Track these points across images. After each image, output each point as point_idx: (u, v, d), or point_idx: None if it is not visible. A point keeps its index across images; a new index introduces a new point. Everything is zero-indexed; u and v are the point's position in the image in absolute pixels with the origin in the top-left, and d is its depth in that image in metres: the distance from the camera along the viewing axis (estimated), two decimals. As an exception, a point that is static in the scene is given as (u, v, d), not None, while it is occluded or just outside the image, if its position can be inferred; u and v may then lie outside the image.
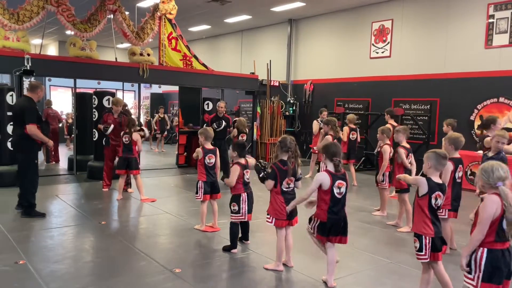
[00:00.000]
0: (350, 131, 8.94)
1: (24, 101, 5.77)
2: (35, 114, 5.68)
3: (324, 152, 3.76)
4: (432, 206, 3.30)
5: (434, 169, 3.35)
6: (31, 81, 5.92)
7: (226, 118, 8.93)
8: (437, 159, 3.34)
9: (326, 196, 3.65)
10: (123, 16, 9.83)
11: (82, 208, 6.44)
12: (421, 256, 3.32)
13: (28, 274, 3.89)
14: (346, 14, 12.52)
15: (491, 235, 2.72)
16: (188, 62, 11.04)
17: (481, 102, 9.46)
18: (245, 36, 16.27)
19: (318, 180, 3.66)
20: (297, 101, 13.91)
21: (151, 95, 19.61)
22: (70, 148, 13.35)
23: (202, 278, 3.99)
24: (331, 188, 3.63)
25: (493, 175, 2.73)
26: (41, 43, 10.20)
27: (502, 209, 2.69)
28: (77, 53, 8.97)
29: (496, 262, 2.72)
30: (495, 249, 2.72)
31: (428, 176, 3.36)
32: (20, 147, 5.72)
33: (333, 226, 3.68)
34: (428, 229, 3.29)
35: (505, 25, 9.10)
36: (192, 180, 9.07)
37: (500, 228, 2.72)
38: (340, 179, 3.69)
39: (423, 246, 3.29)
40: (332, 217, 3.65)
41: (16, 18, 8.36)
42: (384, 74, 11.44)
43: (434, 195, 3.28)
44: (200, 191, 5.27)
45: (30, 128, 5.53)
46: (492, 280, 2.73)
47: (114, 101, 7.67)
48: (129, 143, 6.98)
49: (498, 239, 2.72)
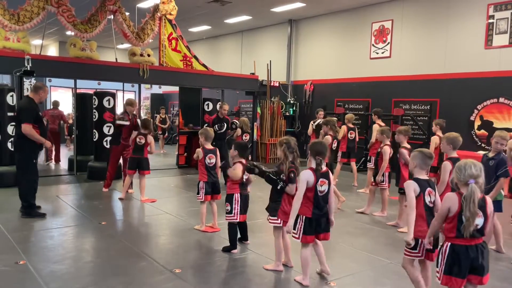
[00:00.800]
0: (348, 130, 8.95)
1: (23, 101, 5.82)
2: (32, 114, 5.65)
3: (310, 149, 3.83)
4: (427, 204, 3.30)
5: (420, 168, 3.37)
6: (35, 82, 5.97)
7: (227, 119, 8.94)
8: (423, 159, 3.36)
9: (310, 193, 3.70)
10: (123, 16, 9.83)
11: (82, 209, 6.45)
12: (415, 254, 3.31)
13: (28, 274, 3.90)
14: (346, 15, 12.53)
15: (453, 231, 2.86)
16: (188, 62, 11.04)
17: (481, 103, 9.47)
18: (245, 36, 16.28)
19: (304, 179, 3.69)
20: (297, 101, 13.92)
21: (151, 96, 19.62)
22: (70, 148, 13.36)
23: (202, 278, 4.00)
24: (315, 185, 3.70)
25: (465, 172, 2.84)
26: (41, 43, 10.23)
27: (459, 207, 2.81)
28: (78, 54, 8.98)
29: (458, 256, 2.84)
30: (457, 244, 2.85)
31: (415, 175, 3.39)
32: (19, 147, 5.73)
33: (318, 221, 3.75)
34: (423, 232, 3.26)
35: (505, 26, 9.11)
36: (192, 180, 9.08)
37: (461, 224, 2.82)
38: (324, 177, 3.75)
39: (419, 246, 3.30)
40: (316, 212, 3.72)
41: (16, 19, 8.37)
42: (384, 75, 11.44)
43: (426, 192, 3.30)
44: (201, 191, 5.28)
45: (25, 128, 5.52)
46: (452, 273, 2.86)
47: (128, 101, 7.65)
48: (143, 144, 6.98)
49: (459, 234, 2.84)
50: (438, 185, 4.67)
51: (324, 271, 4.09)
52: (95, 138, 8.84)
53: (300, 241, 3.77)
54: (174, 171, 10.57)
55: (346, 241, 5.11)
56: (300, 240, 3.75)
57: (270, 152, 12.57)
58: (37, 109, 5.78)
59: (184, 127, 11.55)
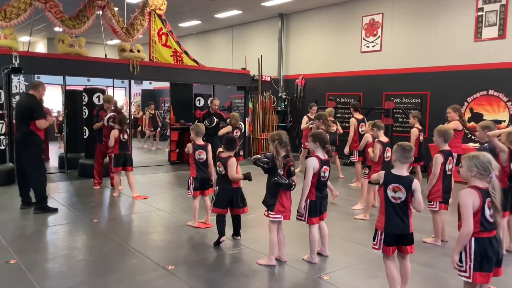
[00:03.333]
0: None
1: (29, 99, 5.99)
2: (43, 109, 6.19)
3: (317, 140, 4.12)
4: (389, 198, 3.27)
5: (399, 162, 3.34)
6: (34, 80, 6.38)
7: (218, 114, 8.92)
8: (401, 152, 3.34)
9: (314, 178, 4.06)
10: (112, 12, 9.73)
11: (74, 206, 6.40)
12: (373, 246, 3.39)
13: (20, 274, 3.86)
14: (337, 8, 12.52)
15: (476, 226, 2.79)
16: (178, 58, 10.98)
17: (471, 95, 9.53)
18: (236, 31, 16.21)
19: (310, 166, 4.04)
20: (289, 96, 13.91)
21: (142, 92, 19.46)
22: (60, 146, 13.24)
23: (195, 274, 3.99)
24: (319, 171, 4.05)
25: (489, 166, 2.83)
26: (29, 40, 10.09)
27: (481, 200, 2.78)
28: (66, 50, 8.88)
29: (485, 250, 2.79)
30: (482, 237, 2.80)
31: (395, 168, 3.37)
32: (27, 144, 5.90)
33: (321, 203, 4.16)
34: (381, 223, 3.31)
35: (494, 18, 9.16)
36: (184, 176, 9.03)
37: (484, 218, 2.79)
38: (326, 165, 4.13)
39: (376, 236, 3.36)
40: (319, 195, 4.13)
41: (3, 15, 8.24)
42: (375, 68, 11.46)
43: (390, 187, 3.26)
44: (191, 187, 5.30)
45: (41, 123, 5.84)
46: (482, 268, 2.79)
47: (105, 98, 7.64)
48: (126, 140, 6.94)
49: (483, 228, 2.80)
50: (430, 177, 4.71)
51: (324, 252, 4.41)
52: (85, 135, 8.77)
53: (307, 223, 4.16)
54: (166, 167, 10.53)
55: (339, 235, 5.13)
56: (306, 221, 4.15)
57: (262, 147, 12.56)
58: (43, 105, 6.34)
59: (176, 123, 11.49)
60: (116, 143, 6.94)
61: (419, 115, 7.85)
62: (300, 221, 4.20)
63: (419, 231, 5.33)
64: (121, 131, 6.94)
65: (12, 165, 8.09)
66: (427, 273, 4.09)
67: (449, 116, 6.78)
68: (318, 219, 4.19)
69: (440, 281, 3.89)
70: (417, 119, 7.71)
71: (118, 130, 6.95)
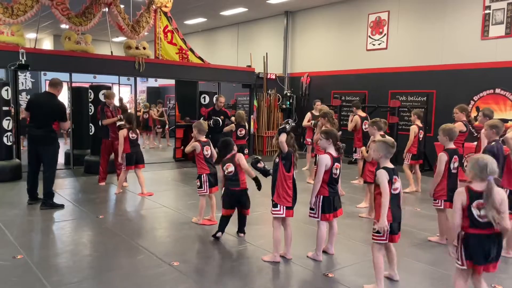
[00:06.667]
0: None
1: (56, 99, 6.12)
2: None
3: (331, 137, 4.18)
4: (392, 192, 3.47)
5: (385, 158, 3.57)
6: (52, 78, 6.32)
7: (224, 111, 8.95)
8: (386, 148, 3.55)
9: (325, 175, 4.09)
10: (118, 9, 9.76)
11: (80, 202, 6.44)
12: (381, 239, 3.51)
13: (27, 269, 3.90)
14: (342, 6, 12.48)
15: (465, 221, 2.96)
16: (184, 55, 11.00)
17: (478, 94, 9.48)
18: (241, 29, 16.20)
19: (323, 163, 4.08)
20: (294, 94, 13.90)
21: (147, 89, 19.50)
22: (66, 142, 13.29)
23: (200, 270, 4.01)
24: (331, 168, 4.08)
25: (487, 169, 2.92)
26: (36, 37, 10.15)
27: (467, 201, 2.93)
28: (72, 47, 8.92)
29: (474, 243, 2.93)
30: (471, 233, 2.94)
31: (382, 164, 3.55)
32: (49, 142, 6.08)
33: (334, 199, 4.17)
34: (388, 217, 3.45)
35: (501, 16, 9.09)
36: (189, 173, 9.07)
37: (471, 216, 2.92)
38: (338, 162, 4.18)
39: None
40: (332, 191, 4.15)
41: (10, 12, 8.29)
42: (380, 66, 11.43)
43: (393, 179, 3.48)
44: (204, 184, 5.26)
45: (66, 125, 6.29)
46: (473, 258, 2.95)
47: (106, 94, 7.71)
48: (136, 138, 6.96)
49: (472, 225, 2.94)
50: (435, 175, 4.69)
51: (329, 250, 4.42)
52: (91, 132, 8.81)
53: (320, 219, 4.16)
54: (171, 164, 10.56)
55: (343, 233, 5.13)
56: (320, 218, 4.15)
57: (267, 144, 12.57)
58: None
59: (181, 120, 11.51)
60: (126, 142, 6.90)
61: (420, 113, 7.82)
62: (313, 218, 4.19)
63: (424, 230, 5.35)
64: (130, 129, 6.93)
65: (19, 162, 8.15)
66: (432, 271, 4.09)
67: (456, 116, 6.73)
68: (332, 215, 4.20)
69: (446, 280, 3.88)
70: (417, 116, 7.70)
71: (126, 129, 6.92)
